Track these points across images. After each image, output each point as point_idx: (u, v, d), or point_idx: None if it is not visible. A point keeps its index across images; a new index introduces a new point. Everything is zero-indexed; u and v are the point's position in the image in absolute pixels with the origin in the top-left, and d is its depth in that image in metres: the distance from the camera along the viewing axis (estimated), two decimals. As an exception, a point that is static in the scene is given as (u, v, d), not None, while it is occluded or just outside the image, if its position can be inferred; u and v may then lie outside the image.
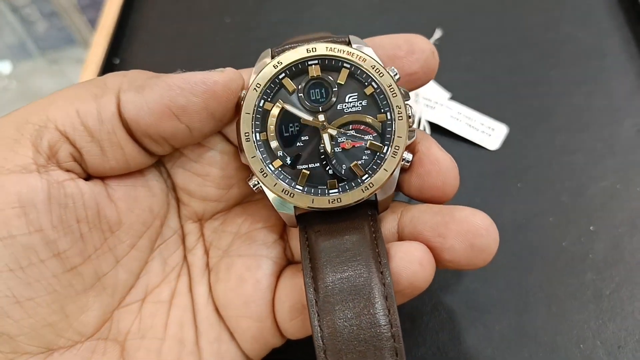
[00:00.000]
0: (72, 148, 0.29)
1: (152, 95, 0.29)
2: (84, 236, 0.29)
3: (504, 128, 0.47)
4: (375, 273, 0.28)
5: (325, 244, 0.30)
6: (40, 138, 0.28)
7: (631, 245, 0.41)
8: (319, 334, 0.27)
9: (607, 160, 0.45)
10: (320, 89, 0.31)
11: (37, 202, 0.27)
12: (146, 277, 0.33)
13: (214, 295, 0.33)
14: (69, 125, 0.28)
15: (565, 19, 0.54)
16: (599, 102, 0.48)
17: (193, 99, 0.29)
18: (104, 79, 0.31)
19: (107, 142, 0.29)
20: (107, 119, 0.29)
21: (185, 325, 0.32)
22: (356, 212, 0.31)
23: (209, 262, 0.34)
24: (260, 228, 0.34)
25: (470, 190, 0.44)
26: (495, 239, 0.30)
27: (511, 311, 0.39)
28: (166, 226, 0.34)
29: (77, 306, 0.30)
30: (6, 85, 1.25)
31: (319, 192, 0.31)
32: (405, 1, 0.58)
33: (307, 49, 0.31)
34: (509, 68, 0.51)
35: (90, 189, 0.30)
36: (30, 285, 0.27)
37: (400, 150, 0.31)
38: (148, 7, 0.61)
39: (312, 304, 0.28)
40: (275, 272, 0.33)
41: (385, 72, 0.31)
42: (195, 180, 0.33)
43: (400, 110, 0.31)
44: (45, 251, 0.28)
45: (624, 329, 0.37)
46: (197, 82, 0.29)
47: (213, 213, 0.35)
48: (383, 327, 0.27)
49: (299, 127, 0.31)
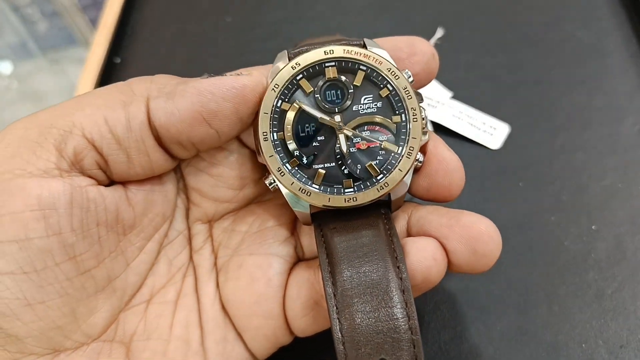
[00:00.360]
0: (98, 156, 0.29)
1: (183, 102, 0.29)
2: (101, 239, 0.29)
3: (505, 127, 0.47)
4: (391, 267, 0.29)
5: (342, 241, 0.31)
6: (64, 143, 0.28)
7: (633, 244, 0.41)
8: (337, 326, 0.28)
9: (608, 159, 0.45)
10: (337, 90, 0.32)
11: (58, 205, 0.27)
12: (152, 279, 0.33)
13: (223, 294, 0.33)
14: (96, 133, 0.28)
15: (566, 18, 0.54)
16: (600, 101, 0.48)
17: (224, 104, 0.29)
18: (129, 85, 0.30)
19: (134, 150, 0.29)
20: (135, 127, 0.29)
21: (191, 326, 0.32)
22: (370, 211, 0.32)
23: (218, 262, 0.34)
24: (271, 226, 0.34)
25: (472, 189, 0.44)
26: (498, 246, 0.30)
27: (513, 310, 0.39)
28: (172, 228, 0.34)
29: (87, 308, 0.30)
30: (7, 85, 1.25)
31: (335, 191, 0.31)
32: (406, 0, 0.58)
33: (324, 50, 0.31)
34: (511, 67, 0.51)
35: (111, 193, 0.30)
36: (43, 288, 0.27)
37: (414, 151, 0.31)
38: (149, 6, 0.61)
39: (330, 298, 0.29)
40: (286, 270, 0.33)
41: (401, 75, 0.31)
42: (209, 181, 0.34)
43: (415, 113, 0.31)
44: (62, 254, 0.28)
45: (626, 328, 0.37)
46: (227, 86, 0.29)
47: (224, 213, 0.35)
48: (400, 320, 0.28)
49: (315, 128, 0.32)
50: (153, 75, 0.31)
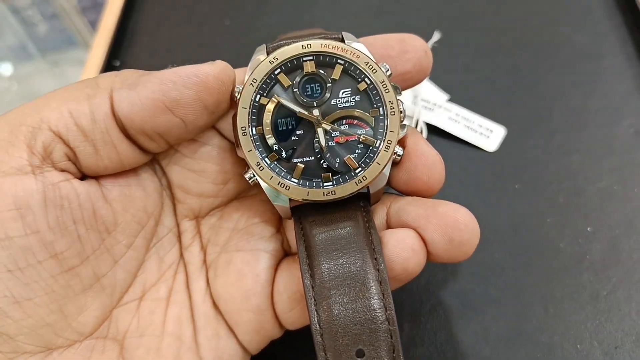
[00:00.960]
0: (66, 148, 0.29)
1: (144, 91, 0.29)
2: (81, 237, 0.30)
3: (502, 130, 0.47)
4: (369, 259, 0.29)
5: (320, 233, 0.31)
6: (34, 139, 0.28)
7: (628, 246, 0.41)
8: (315, 318, 0.28)
9: (604, 161, 0.45)
10: (315, 84, 0.32)
11: (33, 204, 0.28)
12: (143, 276, 0.33)
13: (213, 290, 0.33)
14: (62, 125, 0.29)
15: (562, 20, 0.55)
16: (596, 104, 0.49)
17: (186, 91, 0.29)
18: (95, 79, 0.31)
19: (100, 142, 0.30)
20: (100, 118, 0.29)
21: (183, 322, 0.33)
22: (349, 204, 0.32)
23: (207, 259, 0.34)
24: (258, 222, 0.34)
25: (469, 191, 0.45)
26: (474, 234, 0.30)
27: (509, 311, 0.39)
28: (161, 225, 0.34)
29: (75, 306, 0.30)
30: (7, 87, 1.25)
31: (314, 185, 0.31)
32: (403, 3, 0.58)
33: (302, 45, 0.32)
34: (507, 70, 0.52)
35: (85, 189, 0.30)
36: (29, 285, 0.28)
37: (392, 145, 0.31)
38: (148, 10, 0.61)
39: (308, 290, 0.29)
40: (273, 265, 0.34)
41: (378, 69, 0.32)
42: (191, 176, 0.34)
43: (393, 106, 0.32)
44: (43, 252, 0.28)
45: (620, 329, 0.38)
46: (188, 74, 0.29)
47: (209, 209, 0.35)
48: (377, 310, 0.28)
49: (294, 122, 0.32)
50: (121, 71, 0.32)
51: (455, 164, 0.46)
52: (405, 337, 0.39)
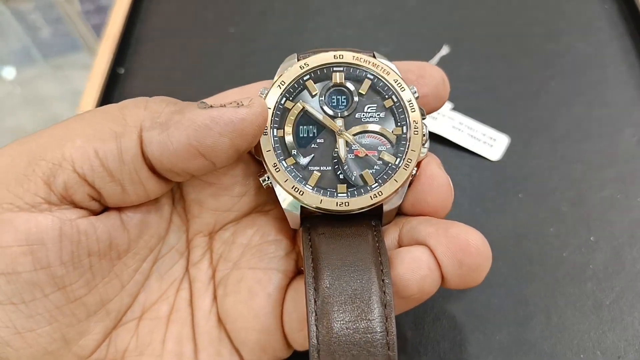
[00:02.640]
0: (90, 189, 0.28)
1: (177, 135, 0.28)
2: (93, 267, 0.29)
3: (505, 138, 0.48)
4: (375, 280, 0.29)
5: (329, 247, 0.30)
6: (54, 176, 0.27)
7: (631, 255, 0.41)
8: (314, 333, 0.28)
9: (607, 170, 0.46)
10: (342, 96, 0.32)
11: (46, 240, 0.27)
12: (143, 294, 0.33)
13: (221, 308, 0.33)
14: (87, 167, 0.27)
15: (565, 29, 0.55)
16: (599, 112, 0.49)
17: (221, 139, 0.28)
18: (122, 112, 0.29)
19: (128, 182, 0.28)
20: (128, 159, 0.28)
21: (184, 341, 0.32)
22: (361, 221, 0.32)
23: (217, 275, 0.34)
24: (272, 240, 0.34)
25: (472, 200, 0.45)
26: (486, 260, 0.29)
27: (511, 320, 0.39)
28: (165, 243, 0.33)
29: (78, 332, 0.29)
30: (11, 91, 1.26)
31: (328, 194, 0.31)
32: (407, 12, 0.58)
33: (334, 55, 0.32)
34: (511, 78, 0.52)
35: (103, 223, 0.29)
36: (32, 317, 0.27)
37: (412, 164, 0.31)
38: (153, 17, 0.61)
39: (310, 304, 0.28)
40: (285, 285, 0.33)
41: (407, 88, 0.32)
42: (207, 190, 0.33)
43: (417, 126, 0.32)
44: (51, 286, 0.27)
45: (624, 339, 0.38)
46: (226, 122, 0.28)
47: (224, 223, 0.34)
48: (378, 333, 0.27)
49: (316, 130, 0.32)
50: (148, 99, 0.30)
51: (459, 173, 0.46)
52: (409, 346, 0.39)
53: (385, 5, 0.59)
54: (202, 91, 0.35)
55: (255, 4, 0.61)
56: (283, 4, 0.61)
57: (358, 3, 0.60)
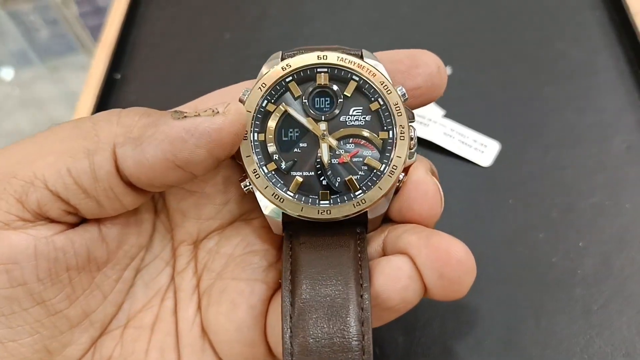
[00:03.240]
0: (64, 205, 0.27)
1: (152, 150, 0.27)
2: (72, 281, 0.29)
3: (496, 145, 0.48)
4: (354, 295, 0.28)
5: (309, 258, 0.30)
6: (26, 195, 0.26)
7: (620, 261, 0.42)
8: (289, 350, 0.27)
9: (596, 176, 0.46)
10: (326, 98, 0.31)
11: (20, 259, 0.26)
12: (129, 302, 0.32)
13: (205, 320, 0.32)
14: (60, 185, 0.27)
15: (557, 36, 0.55)
16: (590, 119, 0.49)
17: (197, 150, 0.27)
18: (94, 127, 0.28)
19: (103, 198, 0.28)
20: (102, 177, 0.27)
21: (167, 351, 0.32)
22: (344, 229, 0.31)
23: (201, 285, 0.33)
24: (257, 250, 0.33)
25: (463, 206, 0.45)
26: (468, 271, 0.28)
27: (501, 325, 0.40)
28: (149, 252, 0.33)
29: (61, 344, 0.29)
30: (8, 92, 1.26)
31: (310, 202, 0.30)
32: (402, 18, 0.59)
33: (318, 55, 0.30)
34: (501, 85, 0.52)
35: (81, 236, 0.29)
36: (13, 329, 0.27)
37: (397, 171, 0.30)
38: (149, 23, 0.62)
39: (286, 319, 0.28)
40: (269, 296, 0.32)
41: (394, 90, 0.30)
42: (190, 198, 0.32)
43: (403, 131, 0.30)
44: (29, 301, 0.27)
45: (611, 344, 0.38)
46: (202, 134, 0.27)
47: (208, 232, 0.33)
48: (355, 352, 0.27)
49: (299, 133, 0.31)
50: (121, 111, 0.29)
51: (450, 179, 0.47)
52: (400, 351, 0.39)
53: (380, 11, 0.60)
54: (197, 96, 0.35)
55: (251, 10, 0.62)
56: (278, 10, 0.61)
57: (352, 9, 0.61)
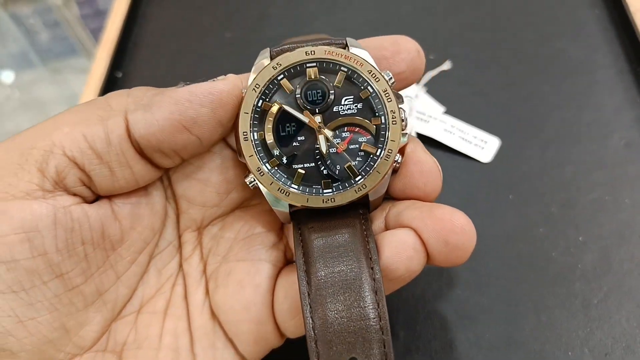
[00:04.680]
0: (80, 173, 0.29)
1: (160, 112, 0.29)
2: (88, 256, 0.30)
3: (496, 141, 0.48)
4: (365, 268, 0.29)
5: (319, 240, 0.31)
6: (46, 163, 0.28)
7: (619, 256, 0.42)
8: (310, 325, 0.29)
9: (596, 172, 0.46)
10: (318, 90, 0.32)
11: (42, 227, 0.28)
12: (141, 289, 0.33)
13: (213, 301, 0.33)
14: (76, 150, 0.29)
15: (556, 34, 0.56)
16: (589, 116, 0.50)
17: (202, 109, 0.30)
18: (106, 100, 0.31)
19: (116, 164, 0.30)
20: (115, 140, 0.29)
21: (180, 334, 0.33)
22: (348, 211, 0.32)
23: (207, 269, 0.34)
24: (259, 232, 0.34)
25: (463, 201, 0.46)
26: (470, 238, 0.30)
27: (501, 320, 0.40)
28: (162, 238, 0.34)
29: (77, 322, 0.30)
30: (9, 94, 1.26)
31: (314, 192, 0.32)
32: (401, 18, 0.59)
33: (306, 51, 0.32)
34: (502, 82, 0.53)
35: (96, 211, 0.30)
36: (33, 305, 0.28)
37: (393, 154, 0.31)
38: (150, 22, 0.62)
39: (304, 297, 0.29)
40: (274, 274, 0.33)
41: (381, 77, 0.32)
42: (196, 186, 0.34)
43: (395, 115, 0.32)
44: (49, 274, 0.28)
45: (611, 337, 0.39)
46: (204, 93, 0.30)
47: (212, 219, 0.35)
48: (372, 319, 0.28)
49: (296, 127, 0.32)
50: (131, 89, 0.32)
51: (450, 175, 0.47)
52: (401, 345, 0.39)
53: (380, 11, 0.60)
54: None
55: (252, 10, 0.62)
56: (279, 10, 0.62)
57: (353, 9, 0.61)
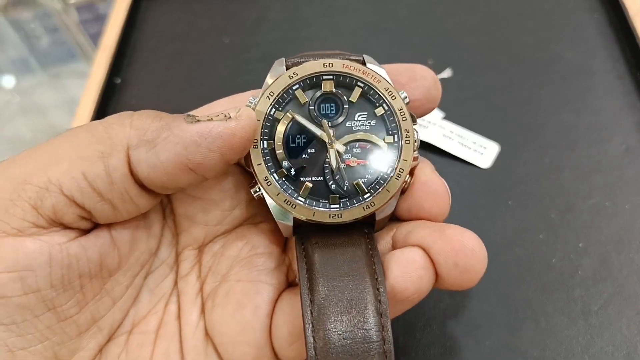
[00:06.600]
0: (80, 210, 0.28)
1: (165, 153, 0.27)
2: (84, 288, 0.29)
3: (495, 146, 0.48)
4: (370, 289, 0.29)
5: (323, 257, 0.30)
6: (41, 201, 0.27)
7: (619, 262, 0.42)
8: (312, 344, 0.27)
9: (595, 177, 0.46)
10: (332, 104, 0.32)
11: (35, 266, 0.27)
12: (133, 309, 0.33)
13: (209, 322, 0.32)
14: (75, 189, 0.27)
15: (555, 38, 0.56)
16: (588, 120, 0.49)
17: (210, 154, 0.28)
18: (107, 131, 0.28)
19: (118, 200, 0.28)
20: (117, 179, 0.28)
21: (171, 356, 0.32)
22: (354, 229, 0.32)
23: (205, 288, 0.33)
24: (261, 252, 0.33)
25: (463, 207, 0.45)
26: (481, 260, 0.29)
27: (501, 326, 0.40)
28: (156, 258, 0.33)
29: (70, 350, 0.29)
30: (9, 100, 1.26)
31: (320, 206, 0.31)
32: (399, 21, 0.59)
33: (324, 63, 0.31)
34: (500, 87, 0.53)
35: (94, 243, 0.29)
36: (23, 337, 0.27)
37: (404, 174, 0.31)
38: (149, 28, 0.62)
39: (307, 315, 0.28)
40: (274, 298, 0.32)
41: (397, 95, 0.31)
42: (197, 204, 0.33)
43: (408, 134, 0.31)
44: (41, 308, 0.27)
45: (611, 344, 0.38)
46: (214, 137, 0.27)
47: (214, 236, 0.34)
48: (375, 343, 0.27)
49: (306, 139, 0.31)
50: (133, 114, 0.29)
51: (450, 181, 0.46)
52: (400, 352, 0.39)
53: (377, 15, 0.60)
54: (197, 100, 0.36)
55: (249, 14, 0.62)
56: (276, 14, 0.62)
57: (350, 12, 0.61)
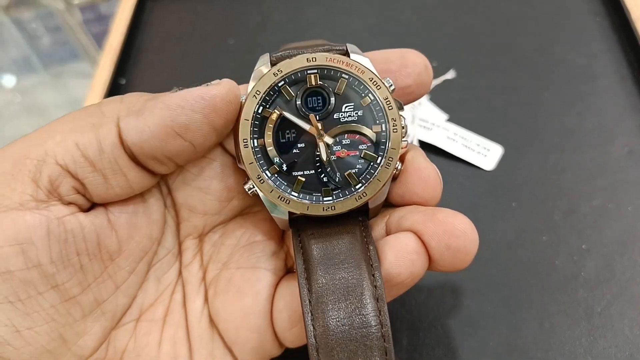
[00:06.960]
0: (74, 181, 0.29)
1: (152, 118, 0.29)
2: (84, 267, 0.30)
3: (499, 149, 0.49)
4: (366, 275, 0.29)
5: (319, 247, 0.31)
6: (39, 173, 0.28)
7: (622, 264, 0.42)
8: (312, 332, 0.28)
9: (598, 179, 0.46)
10: (318, 97, 0.32)
11: (35, 239, 0.28)
12: (141, 297, 0.33)
13: (212, 308, 0.33)
14: (69, 158, 0.28)
15: (557, 41, 0.56)
16: (591, 123, 0.50)
17: (194, 115, 0.29)
18: (99, 107, 0.30)
19: (109, 171, 0.29)
20: (108, 148, 0.29)
21: (178, 343, 0.33)
22: (348, 218, 0.32)
23: (207, 277, 0.34)
24: (260, 240, 0.34)
25: (466, 209, 0.45)
26: (472, 241, 0.30)
27: (504, 327, 0.40)
28: (161, 246, 0.34)
29: (75, 332, 0.30)
30: (10, 99, 1.26)
31: (314, 199, 0.31)
32: (401, 23, 0.60)
33: (307, 58, 0.31)
34: (504, 89, 0.53)
35: (90, 221, 0.30)
36: (29, 315, 0.28)
37: (393, 162, 0.31)
38: (153, 29, 0.62)
39: (305, 304, 0.29)
40: (274, 283, 0.33)
41: (382, 85, 0.32)
42: (197, 194, 0.34)
43: (395, 123, 0.32)
44: (44, 284, 0.28)
45: (614, 345, 0.39)
46: (196, 98, 0.29)
47: (213, 226, 0.35)
48: (373, 327, 0.28)
49: (296, 134, 0.32)
50: (124, 95, 0.31)
51: (453, 183, 0.47)
52: (404, 352, 0.39)
53: (380, 17, 0.61)
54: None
55: (254, 16, 0.62)
56: (281, 16, 0.62)
57: (353, 14, 0.61)
